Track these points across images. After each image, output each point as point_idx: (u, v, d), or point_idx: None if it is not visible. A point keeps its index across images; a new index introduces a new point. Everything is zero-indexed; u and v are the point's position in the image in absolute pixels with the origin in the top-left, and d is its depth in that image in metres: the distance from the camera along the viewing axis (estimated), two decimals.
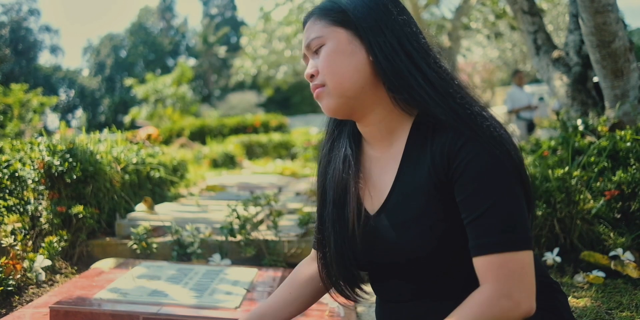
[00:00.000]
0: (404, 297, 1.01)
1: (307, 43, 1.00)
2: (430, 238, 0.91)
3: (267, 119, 13.69)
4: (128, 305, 1.68)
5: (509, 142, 0.89)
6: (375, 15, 0.96)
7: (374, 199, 1.01)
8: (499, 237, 0.83)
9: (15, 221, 2.46)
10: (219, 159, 7.67)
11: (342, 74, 0.95)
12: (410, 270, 0.97)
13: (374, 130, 1.01)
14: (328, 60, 0.96)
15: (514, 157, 0.88)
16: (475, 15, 10.18)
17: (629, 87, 2.68)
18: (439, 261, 0.93)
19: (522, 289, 0.82)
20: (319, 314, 1.79)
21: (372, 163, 1.04)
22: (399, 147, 0.99)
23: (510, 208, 0.85)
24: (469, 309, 0.83)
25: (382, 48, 0.94)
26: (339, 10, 0.98)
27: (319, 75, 0.99)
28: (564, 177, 2.26)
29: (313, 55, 1.01)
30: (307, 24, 1.02)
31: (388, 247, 0.96)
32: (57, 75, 42.33)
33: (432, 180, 0.91)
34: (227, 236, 2.51)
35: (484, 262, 0.84)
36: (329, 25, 0.98)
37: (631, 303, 1.72)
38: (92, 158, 2.59)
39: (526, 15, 3.54)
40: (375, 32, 0.95)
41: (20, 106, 9.49)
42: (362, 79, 0.96)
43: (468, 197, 0.86)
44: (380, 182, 1.01)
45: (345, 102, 0.97)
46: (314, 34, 0.99)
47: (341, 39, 0.96)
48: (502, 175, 0.86)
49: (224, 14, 46.73)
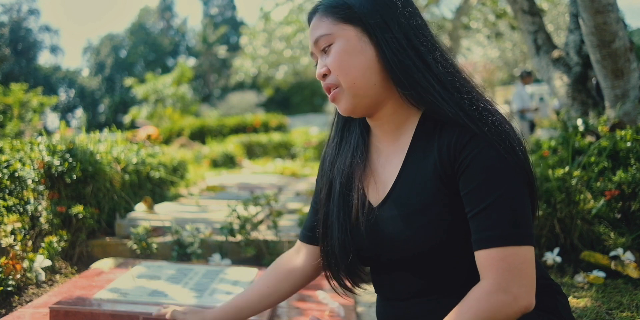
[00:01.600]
0: (406, 294, 1.01)
1: (314, 40, 0.99)
2: (435, 231, 0.91)
3: (267, 119, 13.69)
4: (128, 305, 1.68)
5: (514, 138, 0.89)
6: (381, 9, 0.95)
7: (379, 190, 1.01)
8: (501, 231, 0.84)
9: (15, 221, 2.46)
10: (219, 159, 7.67)
11: (355, 73, 0.95)
12: (414, 264, 0.97)
13: (383, 123, 1.02)
14: (339, 59, 0.96)
15: (519, 152, 0.88)
16: (476, 15, 10.18)
17: (629, 87, 2.68)
18: (442, 255, 0.93)
19: (521, 283, 0.82)
20: (319, 314, 1.79)
21: (378, 155, 1.04)
22: (405, 140, 0.99)
23: (514, 203, 0.85)
24: (468, 305, 0.83)
25: (389, 45, 0.94)
26: (345, 6, 0.97)
27: (330, 75, 0.98)
28: (564, 177, 2.26)
29: (321, 53, 1.00)
30: (313, 20, 1.01)
31: (393, 239, 0.96)
32: (57, 75, 42.34)
33: (438, 174, 0.91)
34: (227, 236, 2.51)
35: (486, 256, 0.84)
36: (336, 23, 0.97)
37: (631, 303, 1.71)
38: (92, 158, 2.59)
39: (526, 15, 3.54)
40: (383, 28, 0.94)
41: (20, 106, 9.48)
42: (373, 76, 0.95)
43: (472, 191, 0.87)
44: (385, 173, 1.01)
45: (360, 101, 0.97)
46: (322, 31, 0.98)
47: (350, 37, 0.96)
48: (507, 170, 0.86)
49: (224, 14, 46.73)
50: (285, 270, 1.16)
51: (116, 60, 44.03)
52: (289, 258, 1.18)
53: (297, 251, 1.18)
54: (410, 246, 0.94)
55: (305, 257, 1.16)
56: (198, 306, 1.72)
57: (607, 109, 2.83)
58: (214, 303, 1.74)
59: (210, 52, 40.61)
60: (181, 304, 1.72)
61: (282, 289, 1.15)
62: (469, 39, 15.16)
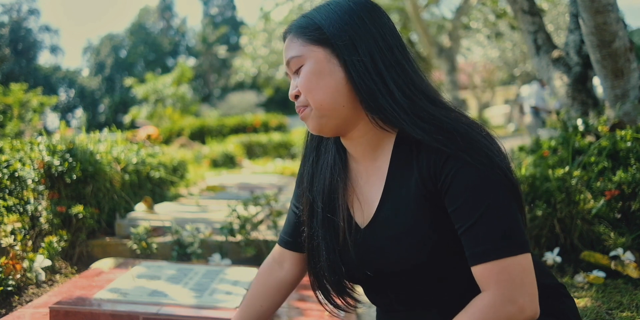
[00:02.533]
0: (402, 307, 1.01)
1: (286, 61, 0.99)
2: (424, 248, 0.91)
3: (267, 118, 13.68)
4: (128, 305, 1.68)
5: (490, 148, 0.89)
6: (350, 30, 0.94)
7: (364, 212, 1.00)
8: (495, 243, 0.83)
9: (15, 221, 2.46)
10: (219, 159, 7.67)
11: (323, 95, 0.94)
12: (405, 280, 0.97)
13: (356, 144, 1.01)
14: (308, 81, 0.95)
15: (497, 161, 0.87)
16: (476, 15, 10.19)
17: (629, 87, 2.67)
18: (433, 270, 0.93)
19: (525, 293, 0.82)
20: (319, 314, 1.79)
21: (358, 175, 1.04)
22: (383, 161, 0.99)
23: (502, 214, 0.85)
24: (472, 316, 0.82)
25: (356, 67, 0.93)
26: (315, 27, 0.96)
27: (301, 96, 0.98)
28: (564, 177, 2.26)
29: (294, 74, 1.00)
30: (286, 41, 1.01)
31: (382, 258, 0.96)
32: (57, 75, 42.32)
33: (421, 192, 0.91)
34: (227, 236, 2.51)
35: (484, 270, 0.84)
36: (306, 44, 0.96)
37: (631, 303, 1.71)
38: (92, 158, 2.59)
39: (526, 15, 3.54)
40: (350, 50, 0.93)
41: (20, 106, 9.48)
42: (342, 98, 0.95)
43: (459, 209, 0.87)
44: (368, 194, 1.01)
45: (327, 122, 0.97)
46: (292, 53, 0.97)
47: (319, 58, 0.95)
48: (488, 184, 0.86)
49: (224, 14, 46.73)
50: (274, 284, 1.14)
51: (116, 60, 44.02)
52: (271, 270, 1.15)
53: (279, 261, 1.15)
54: (402, 263, 0.94)
55: (289, 265, 1.14)
56: (198, 306, 1.72)
57: (607, 109, 2.82)
58: (214, 303, 1.74)
59: (210, 52, 40.62)
60: (181, 304, 1.72)
61: (275, 302, 1.14)
62: (469, 39, 15.15)
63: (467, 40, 15.18)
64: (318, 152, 1.10)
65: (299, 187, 1.13)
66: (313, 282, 1.09)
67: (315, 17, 0.97)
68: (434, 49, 9.73)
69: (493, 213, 0.84)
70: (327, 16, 0.96)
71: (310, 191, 1.07)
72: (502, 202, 0.85)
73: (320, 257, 1.03)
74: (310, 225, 1.06)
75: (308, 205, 1.07)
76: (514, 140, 6.37)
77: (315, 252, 1.05)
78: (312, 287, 1.10)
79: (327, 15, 0.96)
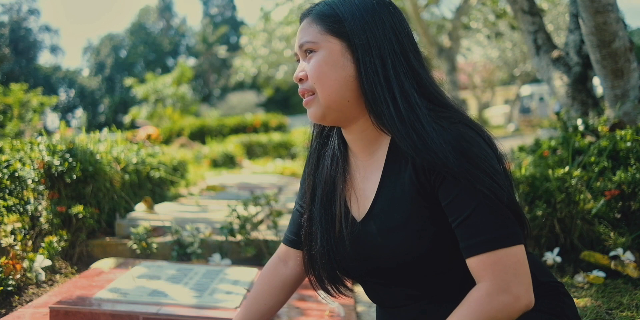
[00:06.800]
0: (400, 302, 1.02)
1: (300, 44, 1.00)
2: (419, 242, 0.92)
3: (267, 118, 13.69)
4: (128, 305, 1.68)
5: (483, 148, 0.89)
6: (369, 31, 0.95)
7: (360, 205, 1.02)
8: (488, 235, 0.85)
9: (15, 221, 2.46)
10: (219, 158, 7.67)
11: (331, 86, 0.96)
12: (400, 275, 0.97)
13: (356, 138, 1.03)
14: (319, 70, 0.96)
15: (490, 160, 0.88)
16: (476, 15, 10.19)
17: (629, 87, 2.67)
18: (428, 264, 0.94)
19: (520, 283, 0.84)
20: (319, 313, 1.79)
21: (356, 169, 1.05)
22: (380, 157, 1.00)
23: (495, 206, 0.86)
24: (469, 307, 0.84)
25: (367, 69, 0.94)
26: (337, 19, 0.97)
27: (307, 81, 0.99)
28: (564, 177, 2.26)
29: (304, 56, 1.00)
30: (303, 23, 1.01)
31: (377, 252, 0.97)
32: (57, 75, 42.33)
33: (415, 188, 0.92)
34: (227, 236, 2.51)
35: (478, 262, 0.85)
36: (324, 33, 0.97)
37: (631, 303, 1.71)
38: (92, 158, 2.59)
39: (526, 15, 3.54)
40: (365, 49, 0.94)
41: (20, 106, 9.49)
42: (348, 93, 0.96)
43: (452, 203, 0.88)
44: (365, 188, 1.02)
45: (330, 113, 0.98)
46: (308, 37, 0.98)
47: (335, 50, 0.96)
48: (481, 176, 0.86)
49: (224, 14, 46.75)
50: (279, 282, 1.14)
51: (116, 60, 44.02)
52: (276, 268, 1.16)
53: (283, 259, 1.16)
54: (397, 257, 0.95)
55: (293, 263, 1.15)
56: (198, 306, 1.72)
57: (607, 109, 2.82)
58: (214, 303, 1.75)
59: (210, 52, 40.62)
60: (181, 304, 1.73)
61: (279, 300, 1.14)
62: (469, 39, 15.15)
63: (467, 40, 15.18)
64: (321, 139, 1.11)
65: (303, 178, 1.14)
66: (307, 265, 1.10)
67: (339, 9, 0.98)
68: (434, 49, 9.74)
69: (486, 205, 0.86)
70: (350, 11, 0.97)
71: (314, 175, 1.09)
72: (495, 195, 0.86)
73: (316, 242, 1.05)
74: (310, 209, 1.08)
75: (310, 188, 1.09)
76: (514, 140, 6.37)
77: (313, 236, 1.06)
78: (305, 270, 1.11)
79: (350, 10, 0.97)
